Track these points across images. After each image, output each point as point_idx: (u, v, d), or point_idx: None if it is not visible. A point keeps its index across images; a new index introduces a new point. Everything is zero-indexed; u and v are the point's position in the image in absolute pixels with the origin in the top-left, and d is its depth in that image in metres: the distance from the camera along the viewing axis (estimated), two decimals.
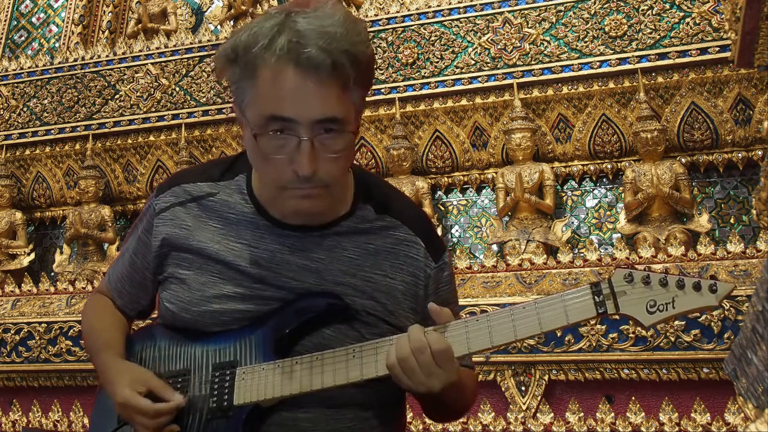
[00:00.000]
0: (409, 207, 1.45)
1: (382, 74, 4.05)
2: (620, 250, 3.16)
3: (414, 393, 1.24)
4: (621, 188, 3.74)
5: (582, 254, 3.25)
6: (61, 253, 4.51)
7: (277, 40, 1.15)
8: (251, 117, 1.21)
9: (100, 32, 5.36)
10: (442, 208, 4.12)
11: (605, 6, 3.79)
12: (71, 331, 3.66)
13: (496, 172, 3.89)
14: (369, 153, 4.14)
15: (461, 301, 2.94)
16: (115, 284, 1.49)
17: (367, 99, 1.32)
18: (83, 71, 4.76)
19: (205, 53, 4.51)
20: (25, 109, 4.83)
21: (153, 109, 4.53)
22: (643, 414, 2.90)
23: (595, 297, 1.20)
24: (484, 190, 4.11)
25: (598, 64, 3.73)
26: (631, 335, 2.89)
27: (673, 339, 2.84)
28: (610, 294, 1.20)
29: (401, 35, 4.12)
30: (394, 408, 1.38)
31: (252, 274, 1.29)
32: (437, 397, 1.25)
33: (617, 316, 1.20)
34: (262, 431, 1.25)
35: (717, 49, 3.54)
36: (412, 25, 4.12)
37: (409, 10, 4.16)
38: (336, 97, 1.17)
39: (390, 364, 1.20)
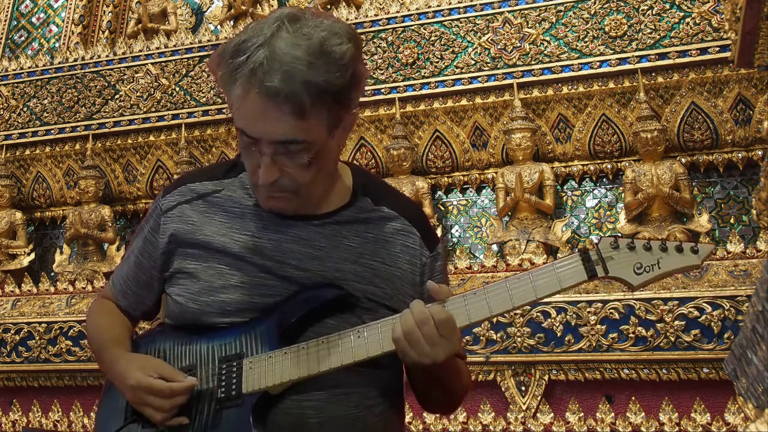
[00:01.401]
0: (404, 200, 1.53)
1: (382, 74, 4.05)
2: None
3: (419, 366, 1.28)
4: (621, 188, 3.74)
5: None
6: (61, 253, 4.51)
7: (252, 58, 1.21)
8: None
9: (100, 32, 5.36)
10: (442, 208, 4.12)
11: (605, 6, 3.79)
12: (71, 331, 3.66)
13: (496, 172, 3.89)
14: (369, 153, 4.14)
15: None
16: (120, 286, 1.51)
17: (368, 99, 1.35)
18: (83, 71, 4.76)
19: (205, 53, 4.51)
20: (25, 109, 4.83)
21: (153, 109, 4.53)
22: (643, 414, 2.90)
23: (585, 263, 1.26)
24: (484, 190, 4.11)
25: (598, 64, 3.73)
26: (631, 335, 2.89)
27: (673, 339, 2.84)
28: (599, 259, 1.26)
29: (401, 35, 4.12)
30: (395, 395, 1.41)
31: (257, 264, 1.34)
32: (438, 374, 1.31)
33: (608, 278, 1.27)
34: (268, 419, 1.27)
35: (717, 49, 3.54)
36: (412, 25, 4.12)
37: (409, 10, 4.16)
38: (294, 122, 1.23)
39: (395, 338, 1.25)
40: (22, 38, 5.43)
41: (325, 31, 1.24)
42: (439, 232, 3.74)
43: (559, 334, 2.98)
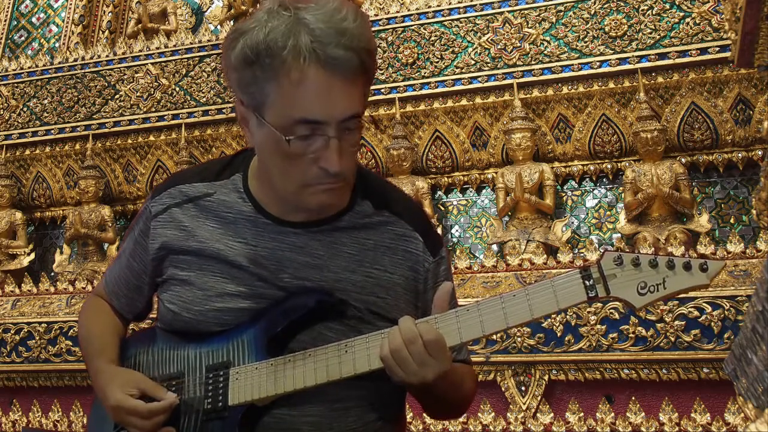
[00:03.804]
0: (407, 202, 1.45)
1: (382, 74, 4.05)
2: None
3: (408, 385, 1.24)
4: (621, 188, 3.74)
5: (582, 254, 3.25)
6: (61, 253, 4.51)
7: (298, 40, 1.16)
8: (275, 120, 1.20)
9: (100, 32, 5.36)
10: (442, 208, 4.12)
11: (605, 6, 3.79)
12: (71, 331, 3.65)
13: (496, 172, 3.89)
14: (369, 153, 4.14)
15: (461, 302, 2.93)
16: (112, 287, 1.48)
17: (368, 99, 1.32)
18: (83, 71, 4.77)
19: (205, 53, 4.51)
20: (25, 109, 4.83)
21: (153, 109, 4.53)
22: (643, 414, 2.89)
23: (585, 281, 1.19)
24: (484, 190, 4.11)
25: (598, 64, 3.73)
26: (631, 335, 2.89)
27: (673, 339, 2.84)
28: (600, 278, 1.19)
29: (401, 35, 4.12)
30: (395, 409, 1.38)
31: (253, 272, 1.29)
32: (431, 389, 1.25)
33: (610, 299, 1.21)
34: None
35: (717, 49, 3.54)
36: (412, 25, 4.12)
37: (409, 10, 4.16)
38: (359, 93, 1.21)
39: (383, 356, 1.20)
40: (22, 38, 5.43)
41: (344, 3, 1.21)
42: (438, 231, 3.74)
43: (559, 334, 2.97)
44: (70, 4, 5.36)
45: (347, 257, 1.31)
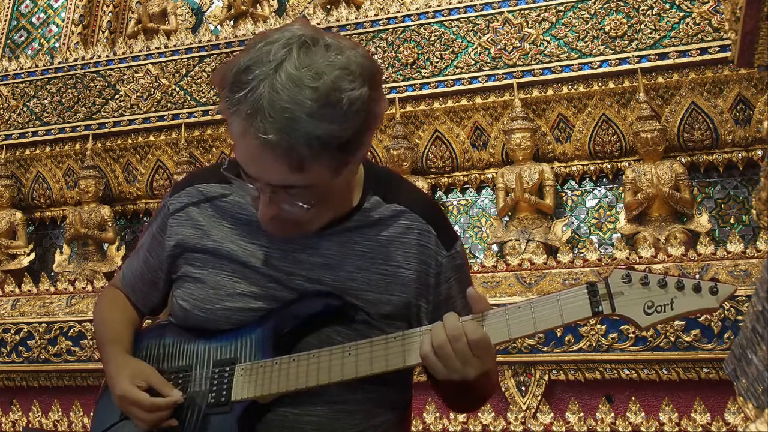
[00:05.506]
0: (418, 195, 1.43)
1: (382, 74, 4.05)
2: (620, 250, 3.16)
3: (448, 382, 1.23)
4: (621, 188, 3.74)
5: (582, 254, 3.25)
6: (61, 253, 4.51)
7: (252, 95, 1.11)
8: None
9: (100, 32, 5.36)
10: (442, 208, 4.11)
11: (605, 6, 3.79)
12: (71, 331, 3.66)
13: (496, 172, 3.89)
14: (369, 153, 4.14)
15: None
16: (129, 280, 1.50)
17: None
18: (83, 71, 4.77)
19: (205, 53, 4.51)
20: (25, 109, 4.83)
21: (153, 109, 4.53)
22: (643, 414, 2.90)
23: (591, 297, 1.19)
24: (484, 190, 4.11)
25: (598, 64, 3.73)
26: (631, 335, 2.89)
27: (673, 339, 2.84)
28: (607, 294, 1.19)
29: (401, 35, 4.12)
30: (401, 412, 1.37)
31: (265, 273, 1.30)
32: (468, 387, 1.24)
33: (615, 317, 1.20)
34: None
35: (717, 49, 3.54)
36: (412, 25, 4.12)
37: (409, 10, 4.16)
38: (292, 171, 1.15)
39: (424, 352, 1.20)
40: (22, 38, 5.43)
41: (337, 69, 1.12)
42: (452, 225, 3.74)
43: (559, 334, 2.97)
44: (70, 4, 5.36)
45: (360, 255, 1.30)
